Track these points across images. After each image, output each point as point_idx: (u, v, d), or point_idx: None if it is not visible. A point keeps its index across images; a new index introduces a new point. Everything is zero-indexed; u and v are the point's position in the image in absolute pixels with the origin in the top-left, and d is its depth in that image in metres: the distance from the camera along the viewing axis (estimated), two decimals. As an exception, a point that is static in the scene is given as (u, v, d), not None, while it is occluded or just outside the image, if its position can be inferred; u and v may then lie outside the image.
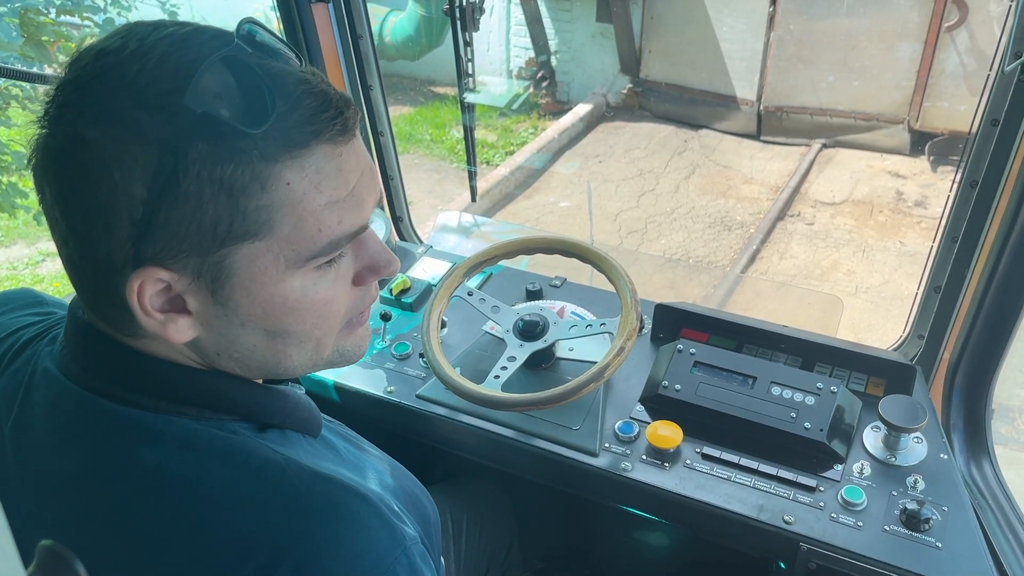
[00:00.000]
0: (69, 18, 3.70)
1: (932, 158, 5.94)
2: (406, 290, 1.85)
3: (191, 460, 0.72)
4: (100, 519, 0.71)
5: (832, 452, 1.39)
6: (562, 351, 1.59)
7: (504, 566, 1.69)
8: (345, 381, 1.65)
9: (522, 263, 1.88)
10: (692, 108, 6.81)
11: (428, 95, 7.77)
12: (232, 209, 0.66)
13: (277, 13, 1.81)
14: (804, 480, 1.35)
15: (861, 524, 1.28)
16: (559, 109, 7.28)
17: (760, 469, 1.38)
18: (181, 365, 0.76)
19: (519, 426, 1.50)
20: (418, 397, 1.59)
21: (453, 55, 1.93)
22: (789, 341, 1.62)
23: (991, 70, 1.37)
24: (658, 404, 1.52)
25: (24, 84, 3.44)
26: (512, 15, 7.35)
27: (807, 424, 1.40)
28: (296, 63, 0.72)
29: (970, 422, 1.56)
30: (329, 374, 1.66)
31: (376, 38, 6.82)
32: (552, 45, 7.39)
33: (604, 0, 6.83)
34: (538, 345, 1.51)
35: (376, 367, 1.67)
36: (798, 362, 1.61)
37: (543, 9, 7.21)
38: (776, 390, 1.47)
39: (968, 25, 5.51)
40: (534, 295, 1.82)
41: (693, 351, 1.55)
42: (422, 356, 1.63)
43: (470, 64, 1.98)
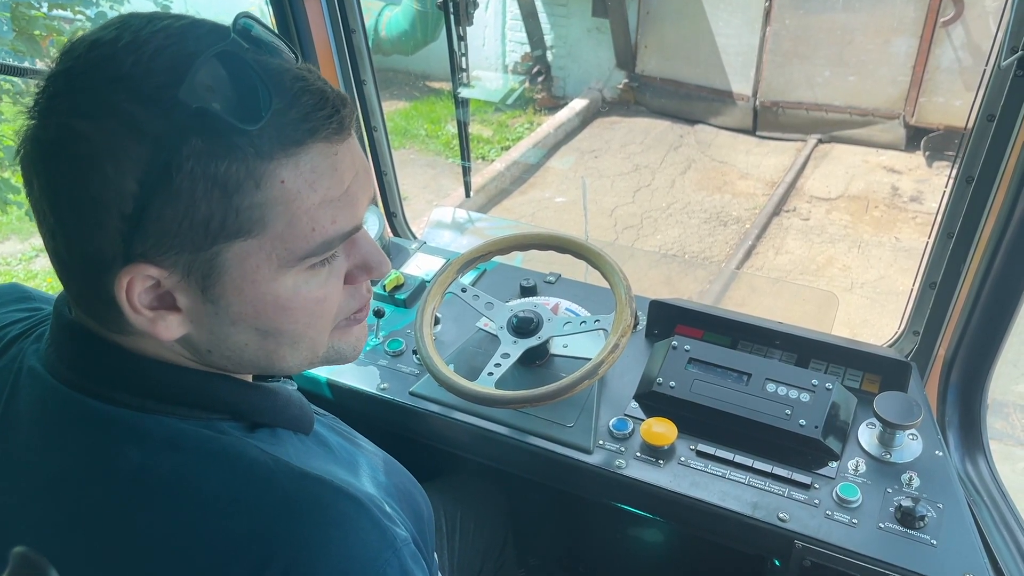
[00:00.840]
0: (61, 12, 3.67)
1: (928, 153, 5.94)
2: (400, 286, 1.84)
3: (177, 461, 0.71)
4: (84, 521, 0.70)
5: (827, 449, 1.38)
6: (556, 348, 1.59)
7: (498, 563, 1.69)
8: (338, 378, 1.64)
9: (516, 259, 1.88)
10: (688, 103, 6.80)
11: (423, 90, 7.75)
12: (225, 206, 0.65)
13: (269, 7, 1.80)
14: (799, 477, 1.35)
15: (856, 521, 1.28)
16: (555, 104, 7.26)
17: (755, 466, 1.37)
18: (169, 363, 0.75)
19: (513, 423, 1.49)
20: (412, 394, 1.58)
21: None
22: (784, 338, 1.61)
23: (987, 65, 1.36)
24: (652, 401, 1.51)
25: (15, 79, 3.42)
26: (508, 9, 7.32)
27: (802, 421, 1.40)
28: (292, 59, 0.71)
29: (965, 419, 1.56)
30: (322, 371, 1.65)
31: (371, 32, 6.82)
32: (548, 40, 7.36)
33: (600, -5, 6.82)
34: (532, 342, 1.50)
35: (369, 364, 1.67)
36: (793, 359, 1.60)
37: (539, 3, 7.18)
38: (771, 387, 1.46)
39: (964, 20, 5.50)
40: (528, 291, 1.81)
41: (688, 348, 1.55)
42: (415, 353, 1.62)
43: (464, 59, 1.97)
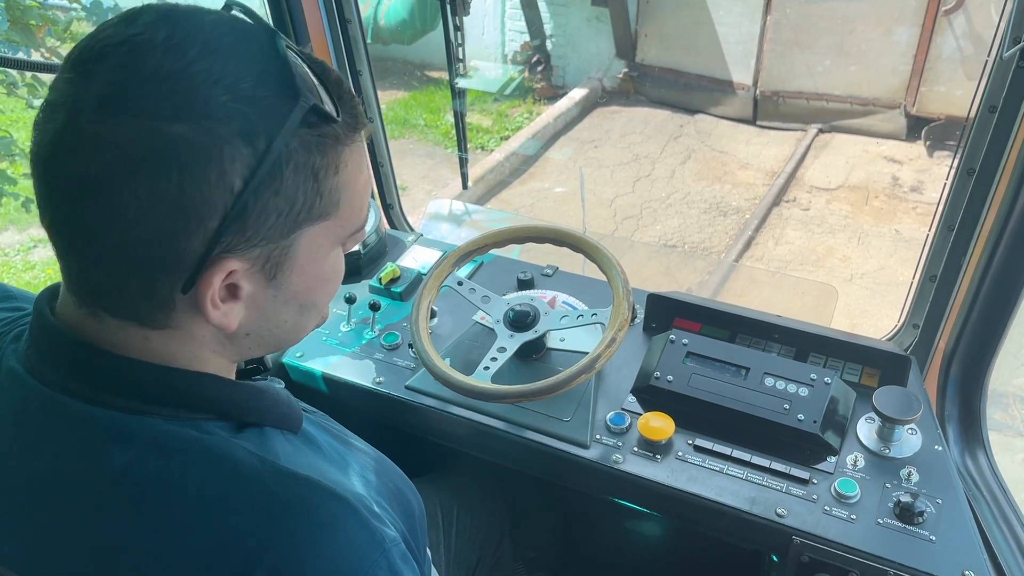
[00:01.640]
0: (56, 1, 3.64)
1: (928, 143, 5.91)
2: (395, 279, 1.82)
3: (162, 462, 0.69)
4: (66, 524, 0.69)
5: (825, 444, 1.37)
6: (553, 341, 1.57)
7: (495, 557, 1.68)
8: (333, 372, 1.63)
9: (513, 252, 1.86)
10: (688, 93, 6.77)
11: (422, 79, 7.71)
12: (315, 193, 0.69)
13: (264, -4, 1.78)
14: (797, 472, 1.34)
15: (854, 517, 1.27)
16: (554, 94, 7.22)
17: (753, 461, 1.37)
18: (154, 364, 0.73)
19: (509, 417, 1.48)
20: (408, 388, 1.57)
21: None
22: (783, 331, 1.60)
23: (989, 56, 1.34)
24: (650, 395, 1.50)
25: (10, 70, 3.39)
26: (507, -1, 7.29)
27: (800, 416, 1.39)
28: None
29: (965, 413, 1.55)
30: (317, 365, 1.64)
31: (370, 22, 6.80)
32: (547, 29, 7.32)
33: (600, -17, 6.78)
34: (528, 335, 1.49)
35: (365, 358, 1.65)
36: (792, 352, 1.59)
37: (538, -8, 7.15)
38: (769, 381, 1.45)
39: (966, 9, 5.47)
40: (525, 284, 1.80)
41: (686, 341, 1.54)
42: (411, 347, 1.61)
43: (461, 49, 1.95)
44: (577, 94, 6.96)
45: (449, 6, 1.84)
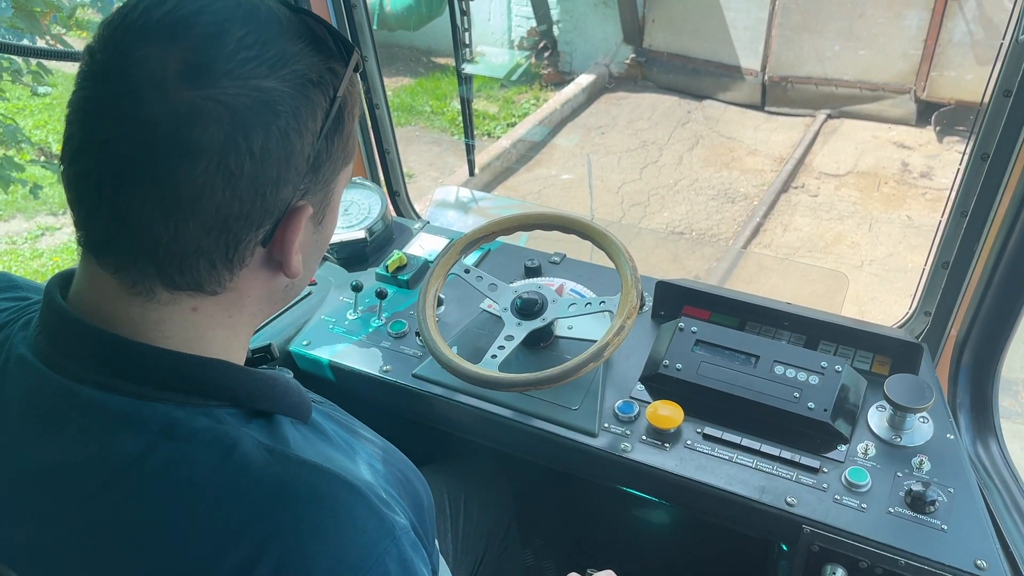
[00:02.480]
0: (61, -12, 3.63)
1: (938, 128, 5.86)
2: (402, 267, 1.81)
3: (173, 448, 0.69)
4: (75, 511, 0.69)
5: (836, 433, 1.36)
6: (561, 330, 1.57)
7: (503, 545, 1.68)
8: (341, 360, 1.62)
9: (521, 239, 1.85)
10: (696, 78, 6.72)
11: (429, 66, 7.68)
12: (350, 134, 0.77)
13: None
14: (807, 461, 1.33)
15: (865, 506, 1.26)
16: (561, 80, 7.18)
17: (762, 450, 1.36)
18: (169, 350, 0.73)
19: (517, 406, 1.47)
20: (415, 376, 1.56)
21: (450, 25, 1.89)
22: (793, 319, 1.59)
23: (1003, 39, 1.32)
24: (659, 383, 1.49)
25: (15, 57, 3.38)
26: (513, -16, 7.24)
27: (811, 404, 1.38)
28: None
29: (977, 401, 1.53)
30: (324, 353, 1.64)
31: (376, 8, 6.76)
32: (554, 14, 7.28)
33: (607, -32, 6.73)
34: (536, 324, 1.48)
35: (372, 346, 1.65)
36: (802, 340, 1.58)
37: (545, -23, 7.10)
38: (779, 369, 1.44)
39: (977, -8, 5.42)
40: (533, 272, 1.79)
41: (695, 329, 1.52)
42: (418, 335, 1.60)
43: (467, 35, 1.94)
44: (584, 80, 6.93)
45: (455, -9, 1.83)
